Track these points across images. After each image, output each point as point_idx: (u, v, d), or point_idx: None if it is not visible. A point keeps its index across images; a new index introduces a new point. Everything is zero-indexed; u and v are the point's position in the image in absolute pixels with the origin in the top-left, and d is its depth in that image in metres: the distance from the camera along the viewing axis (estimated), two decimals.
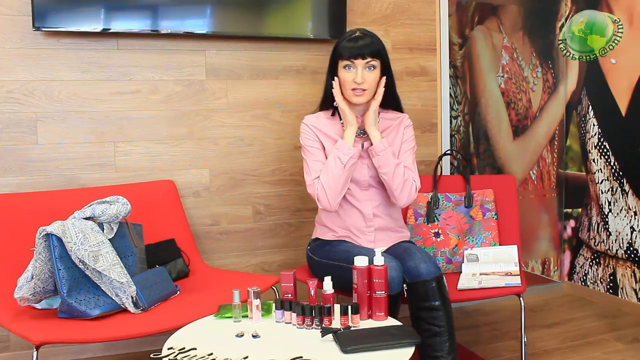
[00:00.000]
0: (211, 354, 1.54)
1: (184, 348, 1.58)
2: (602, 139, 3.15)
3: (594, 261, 3.24)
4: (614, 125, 3.09)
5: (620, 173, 3.05)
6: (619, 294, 3.07)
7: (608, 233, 3.13)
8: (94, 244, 1.89)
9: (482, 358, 2.49)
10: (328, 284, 1.79)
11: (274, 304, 1.84)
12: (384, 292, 1.79)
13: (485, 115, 3.33)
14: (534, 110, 3.38)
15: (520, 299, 2.21)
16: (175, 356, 1.54)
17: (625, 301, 3.04)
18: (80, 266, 1.87)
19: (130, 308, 1.91)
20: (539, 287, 3.38)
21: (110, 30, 2.43)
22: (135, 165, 2.57)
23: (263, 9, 2.64)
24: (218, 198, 2.71)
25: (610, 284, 3.13)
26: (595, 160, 3.19)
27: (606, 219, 3.14)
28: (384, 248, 2.17)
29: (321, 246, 2.22)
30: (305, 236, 2.69)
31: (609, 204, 3.12)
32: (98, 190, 2.37)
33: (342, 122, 2.17)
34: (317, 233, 2.28)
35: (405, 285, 1.98)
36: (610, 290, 3.12)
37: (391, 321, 1.80)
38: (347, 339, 1.59)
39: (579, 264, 3.34)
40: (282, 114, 2.78)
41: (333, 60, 2.15)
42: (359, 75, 2.07)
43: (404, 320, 1.86)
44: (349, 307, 1.74)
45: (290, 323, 1.77)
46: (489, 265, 2.43)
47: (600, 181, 3.17)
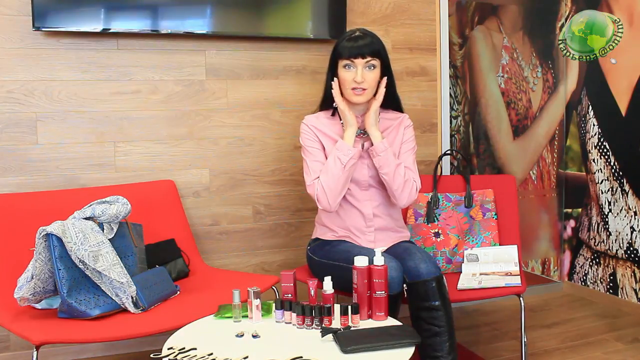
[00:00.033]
0: (211, 354, 1.54)
1: (184, 348, 1.58)
2: (602, 139, 3.15)
3: (594, 261, 3.24)
4: (614, 125, 3.09)
5: (620, 173, 3.05)
6: (619, 294, 3.07)
7: (608, 233, 3.13)
8: (94, 244, 1.89)
9: (482, 358, 2.49)
10: (328, 284, 1.79)
11: (274, 304, 1.84)
12: (384, 292, 1.79)
13: (485, 115, 3.33)
14: (534, 110, 3.38)
15: (520, 299, 2.21)
16: (175, 356, 1.54)
17: (625, 301, 3.04)
18: (80, 266, 1.87)
19: (130, 308, 1.91)
20: (539, 287, 3.38)
21: (110, 30, 2.43)
22: (135, 165, 2.57)
23: (263, 9, 2.64)
24: (218, 198, 2.71)
25: (610, 284, 3.13)
26: (595, 160, 3.19)
27: (606, 219, 3.14)
28: (384, 248, 2.17)
29: (321, 246, 2.22)
30: (305, 236, 2.69)
31: (609, 204, 3.12)
32: (98, 190, 2.37)
33: (342, 123, 2.17)
34: (317, 233, 2.28)
35: (405, 285, 1.98)
36: (610, 290, 3.12)
37: (391, 321, 1.80)
38: (347, 339, 1.59)
39: (579, 264, 3.34)
40: (282, 114, 2.78)
41: (333, 60, 2.15)
42: (358, 75, 2.07)
43: (404, 320, 1.86)
44: (349, 307, 1.74)
45: (290, 323, 1.77)
46: (489, 265, 2.43)
47: (600, 181, 3.17)
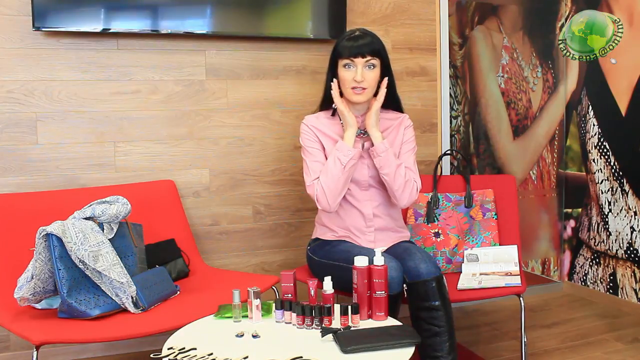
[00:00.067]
0: (211, 354, 1.54)
1: (184, 348, 1.58)
2: (602, 139, 3.15)
3: (594, 261, 3.24)
4: (614, 125, 3.08)
5: (620, 173, 3.05)
6: (619, 294, 3.07)
7: (608, 233, 3.13)
8: (94, 244, 1.89)
9: (482, 358, 2.49)
10: (328, 284, 1.79)
11: (274, 304, 1.84)
12: (384, 292, 1.79)
13: (485, 115, 3.33)
14: (534, 110, 3.38)
15: (520, 299, 2.21)
16: (175, 356, 1.54)
17: (625, 301, 3.04)
18: (80, 266, 1.86)
19: (130, 308, 1.91)
20: (539, 287, 3.38)
21: (110, 30, 2.43)
22: (135, 165, 2.57)
23: (263, 9, 2.64)
24: (218, 198, 2.71)
25: (610, 284, 3.13)
26: (595, 160, 3.19)
27: (606, 219, 3.14)
28: (384, 248, 2.17)
29: (321, 246, 2.22)
30: (305, 236, 2.69)
31: (609, 204, 3.11)
32: (98, 190, 2.37)
33: (342, 123, 2.17)
34: (317, 233, 2.28)
35: (405, 285, 1.98)
36: (610, 290, 3.12)
37: (391, 321, 1.80)
38: (347, 339, 1.59)
39: (579, 264, 3.34)
40: (282, 114, 2.78)
41: (333, 59, 2.15)
42: (358, 74, 2.07)
43: (404, 320, 1.86)
44: (349, 307, 1.74)
45: (290, 323, 1.77)
46: (489, 265, 2.43)
47: (600, 181, 3.17)
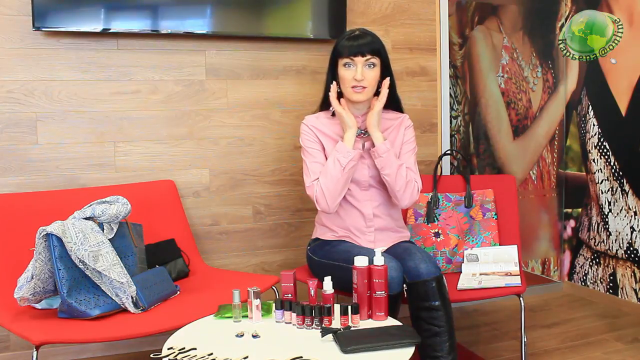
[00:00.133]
0: (211, 354, 1.54)
1: (184, 348, 1.58)
2: (602, 139, 3.15)
3: (594, 261, 3.24)
4: (614, 125, 3.08)
5: (620, 173, 3.05)
6: (619, 294, 3.07)
7: (608, 233, 3.13)
8: (94, 244, 1.89)
9: (482, 358, 2.49)
10: (328, 284, 1.79)
11: (274, 304, 1.84)
12: (384, 292, 1.79)
13: (485, 115, 3.33)
14: (534, 110, 3.38)
15: (520, 299, 2.21)
16: (175, 356, 1.54)
17: (625, 301, 3.03)
18: (80, 266, 1.86)
19: (130, 308, 1.91)
20: (539, 287, 3.38)
21: (110, 30, 2.43)
22: (135, 165, 2.57)
23: (263, 9, 2.64)
24: (218, 198, 2.71)
25: (610, 284, 3.13)
26: (595, 160, 3.19)
27: (606, 219, 3.14)
28: (384, 248, 2.17)
29: (321, 246, 2.22)
30: (305, 236, 2.69)
31: (609, 204, 3.11)
32: (98, 190, 2.37)
33: (341, 125, 2.16)
34: (317, 233, 2.28)
35: (405, 285, 1.98)
36: (610, 290, 3.12)
37: (391, 321, 1.80)
38: (347, 339, 1.59)
39: (579, 264, 3.34)
40: (282, 114, 2.78)
41: (333, 59, 2.15)
42: (358, 73, 2.07)
43: (404, 320, 1.86)
44: (349, 307, 1.74)
45: (290, 323, 1.77)
46: (489, 265, 2.43)
47: (600, 181, 3.17)
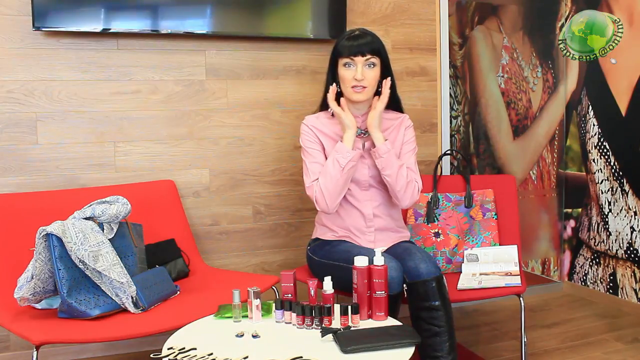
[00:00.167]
0: (211, 354, 1.54)
1: (184, 348, 1.58)
2: (602, 139, 3.15)
3: (594, 261, 3.24)
4: (614, 125, 3.08)
5: (620, 173, 3.05)
6: (619, 294, 3.07)
7: (608, 233, 3.13)
8: (94, 244, 1.89)
9: (482, 358, 2.49)
10: (328, 284, 1.79)
11: (274, 304, 1.84)
12: (384, 292, 1.79)
13: (485, 115, 3.33)
14: (534, 110, 3.38)
15: (520, 299, 2.21)
16: (175, 356, 1.54)
17: (625, 301, 3.04)
18: (80, 266, 1.86)
19: (130, 308, 1.91)
20: (539, 287, 3.38)
21: (110, 30, 2.43)
22: (135, 165, 2.57)
23: (263, 9, 2.64)
24: (218, 198, 2.71)
25: (610, 284, 3.13)
26: (595, 160, 3.19)
27: (606, 219, 3.14)
28: (384, 248, 2.17)
29: (321, 246, 2.22)
30: (305, 236, 2.69)
31: (609, 204, 3.11)
32: (98, 190, 2.37)
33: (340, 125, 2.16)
34: (317, 233, 2.28)
35: (405, 285, 1.98)
36: (610, 290, 3.12)
37: (391, 321, 1.80)
38: (347, 339, 1.59)
39: (579, 264, 3.34)
40: (282, 114, 2.78)
41: (333, 59, 2.15)
42: (359, 72, 2.07)
43: (404, 320, 1.86)
44: (349, 307, 1.74)
45: (290, 323, 1.77)
46: (489, 265, 2.43)
47: (600, 181, 3.17)
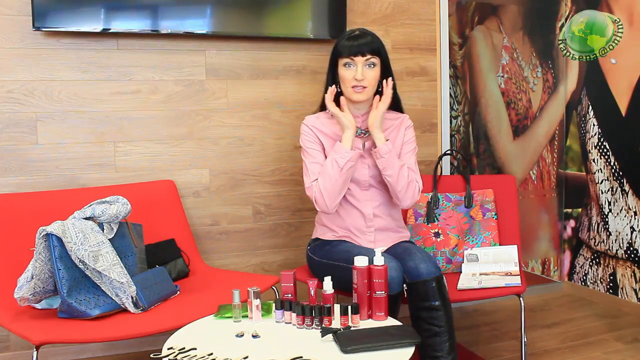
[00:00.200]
0: (211, 354, 1.54)
1: (184, 348, 1.58)
2: (602, 139, 3.15)
3: (594, 261, 3.24)
4: (614, 125, 3.08)
5: (620, 173, 3.05)
6: (619, 294, 3.07)
7: (608, 233, 3.13)
8: (94, 244, 1.89)
9: (482, 358, 2.49)
10: (328, 284, 1.79)
11: (274, 304, 1.84)
12: (384, 292, 1.79)
13: (485, 115, 3.33)
14: (534, 110, 3.38)
15: (520, 299, 2.21)
16: (175, 356, 1.54)
17: (625, 301, 3.04)
18: (80, 266, 1.86)
19: (130, 308, 1.91)
20: (539, 287, 3.38)
21: (110, 30, 2.43)
22: (135, 165, 2.57)
23: (263, 9, 2.64)
24: (218, 198, 2.71)
25: (610, 284, 3.13)
26: (595, 160, 3.19)
27: (606, 219, 3.14)
28: (384, 248, 2.17)
29: (321, 246, 2.22)
30: (305, 236, 2.69)
31: (609, 204, 3.11)
32: (98, 190, 2.37)
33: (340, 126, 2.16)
34: (317, 233, 2.28)
35: (405, 285, 1.98)
36: (610, 290, 3.12)
37: (391, 321, 1.80)
38: (347, 339, 1.59)
39: (579, 264, 3.34)
40: (282, 114, 2.78)
41: (333, 59, 2.15)
42: (359, 72, 2.07)
43: (404, 320, 1.86)
44: (349, 307, 1.74)
45: (290, 323, 1.77)
46: (488, 265, 2.43)
47: (600, 181, 3.17)
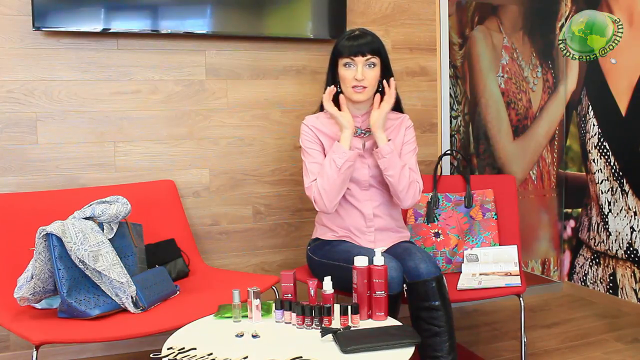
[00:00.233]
0: (211, 354, 1.54)
1: (183, 348, 1.58)
2: (602, 139, 3.15)
3: (593, 261, 3.24)
4: (614, 125, 3.08)
5: (620, 173, 3.05)
6: (619, 294, 3.07)
7: (608, 233, 3.13)
8: (94, 243, 1.89)
9: (482, 358, 2.49)
10: (328, 284, 1.79)
11: (274, 304, 1.84)
12: (383, 292, 1.79)
13: (485, 115, 3.33)
14: (534, 110, 3.38)
15: (520, 299, 2.21)
16: (175, 356, 1.54)
17: (625, 301, 3.04)
18: (80, 266, 1.86)
19: (130, 308, 1.91)
20: (539, 287, 3.38)
21: (110, 30, 2.43)
22: (135, 165, 2.57)
23: (263, 9, 2.64)
24: (218, 198, 2.71)
25: (610, 284, 3.13)
26: (595, 160, 3.19)
27: (606, 219, 3.14)
28: (384, 248, 2.17)
29: (321, 246, 2.22)
30: (305, 236, 2.69)
31: (609, 204, 3.11)
32: (98, 190, 2.37)
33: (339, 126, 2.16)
34: (317, 233, 2.28)
35: (405, 285, 1.98)
36: (610, 291, 3.12)
37: (391, 321, 1.80)
38: (347, 339, 1.59)
39: (578, 264, 3.34)
40: (282, 114, 2.78)
41: (333, 59, 2.15)
42: (359, 72, 2.07)
43: (404, 320, 1.86)
44: (349, 307, 1.74)
45: (290, 323, 1.77)
46: (488, 266, 2.43)
47: (600, 181, 3.17)
